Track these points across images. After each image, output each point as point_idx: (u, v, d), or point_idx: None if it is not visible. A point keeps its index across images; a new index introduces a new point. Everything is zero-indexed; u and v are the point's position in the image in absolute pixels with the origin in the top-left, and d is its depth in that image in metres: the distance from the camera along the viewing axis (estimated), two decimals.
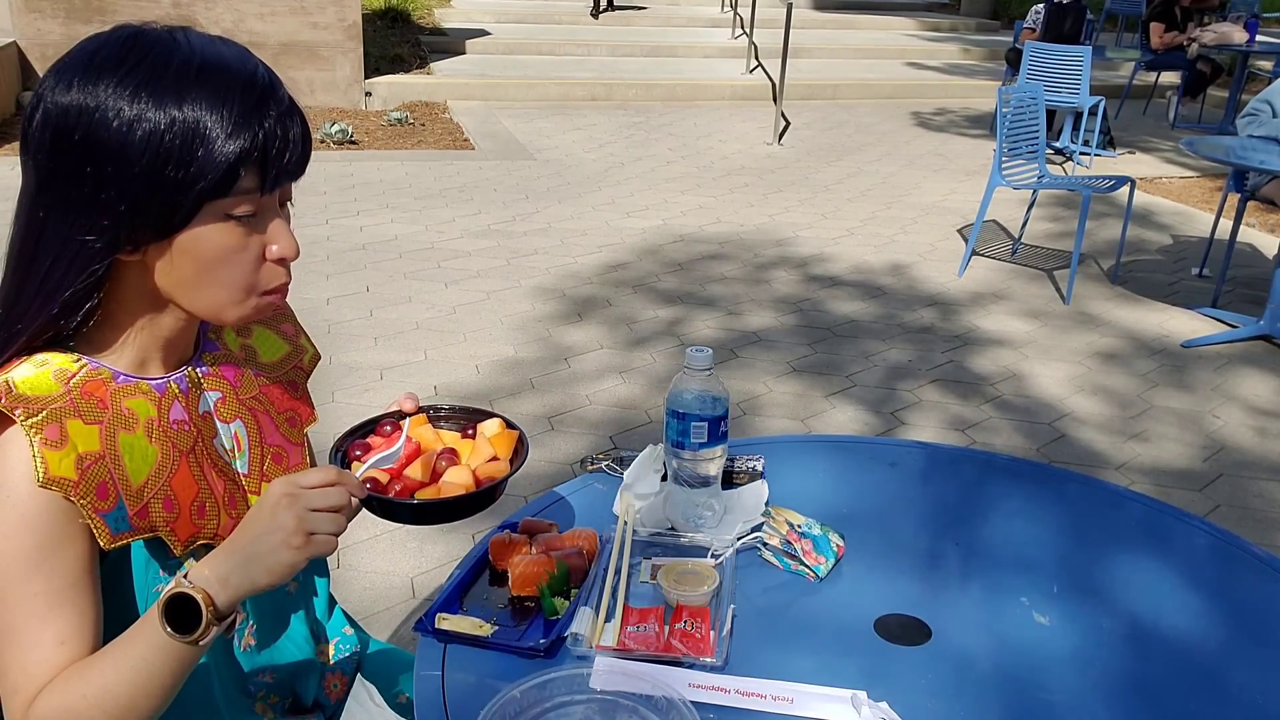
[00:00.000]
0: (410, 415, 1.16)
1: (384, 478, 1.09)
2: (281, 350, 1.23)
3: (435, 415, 1.19)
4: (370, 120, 7.81)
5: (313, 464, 1.20)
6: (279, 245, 1.01)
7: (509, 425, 1.16)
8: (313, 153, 1.02)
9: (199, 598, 0.92)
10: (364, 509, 1.04)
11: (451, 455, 1.11)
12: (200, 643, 0.93)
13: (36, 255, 0.95)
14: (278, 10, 7.87)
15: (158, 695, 0.94)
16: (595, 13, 10.94)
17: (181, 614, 0.93)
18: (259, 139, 0.93)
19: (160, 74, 0.92)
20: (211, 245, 0.96)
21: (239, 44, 1.00)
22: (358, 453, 1.12)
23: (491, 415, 1.18)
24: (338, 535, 0.97)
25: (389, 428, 1.14)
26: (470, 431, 1.17)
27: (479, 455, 1.12)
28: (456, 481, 1.08)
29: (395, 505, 1.07)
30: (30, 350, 0.98)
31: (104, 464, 0.97)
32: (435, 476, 1.10)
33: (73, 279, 0.95)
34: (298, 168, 0.99)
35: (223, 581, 0.93)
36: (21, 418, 0.93)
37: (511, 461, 1.13)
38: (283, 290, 1.04)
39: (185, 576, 0.94)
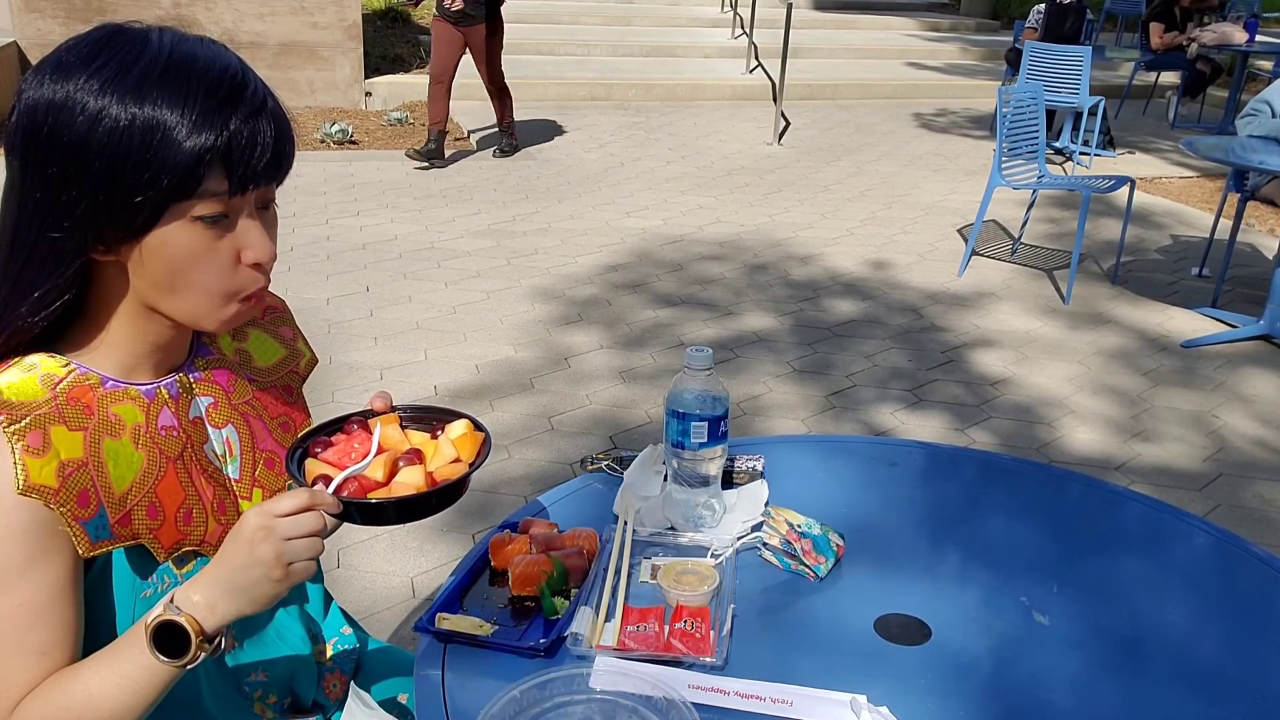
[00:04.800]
0: (381, 414, 1.13)
1: (336, 474, 1.05)
2: (278, 354, 1.22)
3: (405, 416, 1.16)
4: (370, 120, 7.80)
5: None
6: (253, 249, 0.97)
7: (476, 427, 1.13)
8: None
9: (188, 626, 0.93)
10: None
11: (415, 456, 1.08)
12: (188, 666, 0.94)
13: (13, 254, 0.94)
14: (278, 10, 7.87)
15: (140, 709, 0.96)
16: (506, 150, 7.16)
17: (170, 638, 0.93)
18: (222, 139, 0.90)
19: (126, 71, 0.90)
20: (179, 248, 0.94)
21: (219, 44, 0.97)
22: (318, 450, 1.08)
23: (460, 416, 1.14)
24: (316, 559, 0.97)
25: (355, 426, 1.12)
26: (438, 433, 1.13)
27: (441, 456, 1.09)
28: (408, 482, 1.05)
29: (348, 506, 1.02)
30: (17, 352, 0.97)
31: (86, 471, 0.96)
32: (393, 476, 1.07)
33: (43, 278, 0.94)
34: (271, 171, 0.95)
35: (210, 608, 0.94)
36: (4, 424, 0.92)
37: (471, 464, 1.09)
38: (259, 296, 1.01)
39: (173, 601, 0.94)
